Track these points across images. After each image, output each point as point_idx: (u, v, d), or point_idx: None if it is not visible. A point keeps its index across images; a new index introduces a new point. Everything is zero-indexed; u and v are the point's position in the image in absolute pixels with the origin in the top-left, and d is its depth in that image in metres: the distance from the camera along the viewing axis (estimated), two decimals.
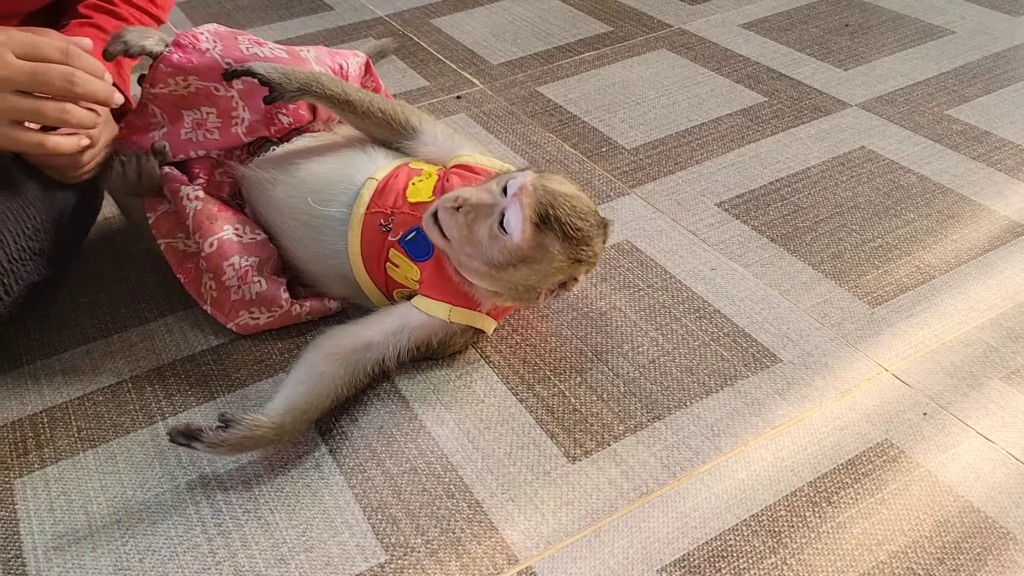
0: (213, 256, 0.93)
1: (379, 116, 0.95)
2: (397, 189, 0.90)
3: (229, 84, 0.96)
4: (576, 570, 0.73)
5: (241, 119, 0.97)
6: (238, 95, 0.96)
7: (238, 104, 0.97)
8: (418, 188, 0.90)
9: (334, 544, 0.76)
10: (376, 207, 0.90)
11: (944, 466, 0.80)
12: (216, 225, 0.94)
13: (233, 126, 0.97)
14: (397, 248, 0.89)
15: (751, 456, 0.82)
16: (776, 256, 1.07)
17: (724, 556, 0.73)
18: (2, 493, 0.82)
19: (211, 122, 0.97)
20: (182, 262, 0.98)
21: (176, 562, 0.75)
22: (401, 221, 0.89)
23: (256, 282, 0.94)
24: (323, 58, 1.03)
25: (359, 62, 1.08)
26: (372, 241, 0.90)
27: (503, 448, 0.84)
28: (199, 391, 0.91)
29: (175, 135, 0.98)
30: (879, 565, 0.72)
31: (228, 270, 0.92)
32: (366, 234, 0.90)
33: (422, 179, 0.91)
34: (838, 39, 1.59)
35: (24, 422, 0.89)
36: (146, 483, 0.82)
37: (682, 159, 1.27)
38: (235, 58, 0.95)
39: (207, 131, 0.97)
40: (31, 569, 0.75)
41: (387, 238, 0.89)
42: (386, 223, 0.89)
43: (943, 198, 1.15)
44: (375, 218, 0.89)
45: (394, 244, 0.89)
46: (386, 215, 0.89)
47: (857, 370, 0.90)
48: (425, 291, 0.88)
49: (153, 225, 0.98)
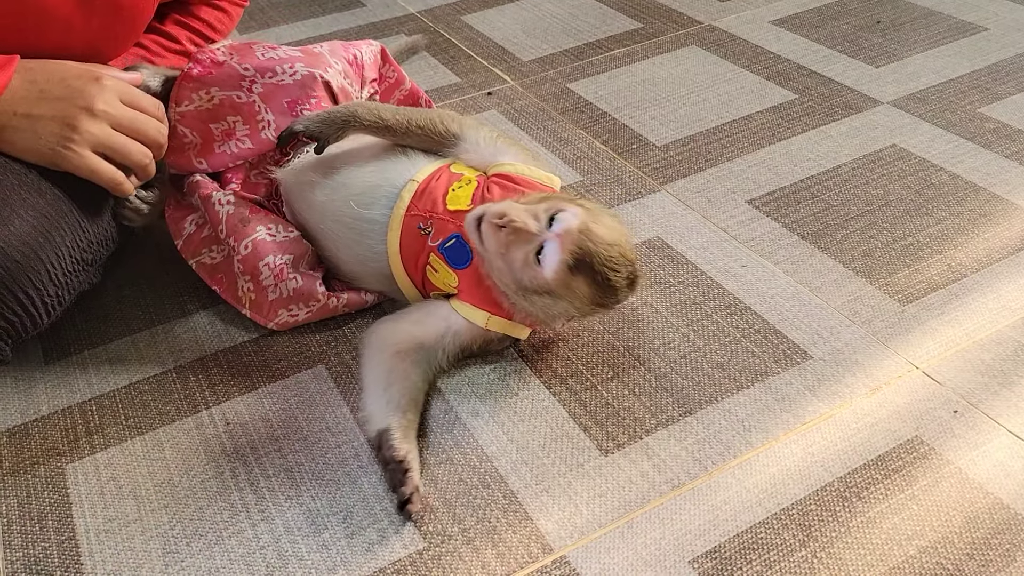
0: (249, 258, 0.95)
1: (418, 133, 0.96)
2: (437, 194, 0.92)
3: (249, 89, 0.98)
4: (609, 560, 0.75)
5: (267, 122, 0.99)
6: (259, 98, 0.98)
7: (261, 107, 0.98)
8: (458, 195, 0.91)
9: (374, 531, 0.78)
10: (416, 209, 0.91)
11: (974, 463, 0.81)
12: (249, 227, 0.96)
13: (262, 131, 0.99)
14: (436, 254, 0.91)
15: (781, 451, 0.83)
16: (807, 253, 1.08)
17: (755, 548, 0.75)
18: (55, 478, 0.85)
19: (239, 130, 0.99)
20: (213, 274, 1.01)
21: (222, 546, 0.78)
22: (440, 227, 0.90)
23: (292, 278, 0.96)
24: (337, 50, 1.05)
25: (373, 50, 1.10)
26: (411, 243, 0.92)
27: (537, 440, 0.86)
28: (241, 381, 0.94)
29: (209, 150, 1.00)
30: (908, 560, 0.73)
31: (264, 270, 0.95)
32: (405, 236, 0.92)
33: (462, 185, 0.92)
34: (869, 36, 1.59)
35: (74, 410, 0.92)
36: (192, 470, 0.85)
37: (712, 156, 1.28)
38: (253, 64, 0.98)
39: (238, 140, 0.99)
40: (84, 550, 0.78)
41: (427, 242, 0.91)
42: (425, 227, 0.91)
43: (975, 196, 1.16)
44: (414, 220, 0.91)
45: (433, 249, 0.91)
46: (425, 219, 0.91)
47: (887, 367, 0.91)
48: (464, 298, 0.90)
49: (181, 249, 1.02)
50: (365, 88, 1.08)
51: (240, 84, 0.98)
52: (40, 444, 0.88)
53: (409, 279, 0.95)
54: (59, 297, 0.87)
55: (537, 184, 0.93)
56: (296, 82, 0.99)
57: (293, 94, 0.99)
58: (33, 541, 0.79)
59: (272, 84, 0.98)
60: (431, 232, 0.90)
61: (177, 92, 0.99)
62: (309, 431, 0.88)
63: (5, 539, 0.79)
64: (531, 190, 0.91)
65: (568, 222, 0.81)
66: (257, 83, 0.98)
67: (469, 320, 0.90)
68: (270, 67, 0.99)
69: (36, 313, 0.85)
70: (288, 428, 0.88)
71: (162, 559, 0.77)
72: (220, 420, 0.90)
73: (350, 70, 1.04)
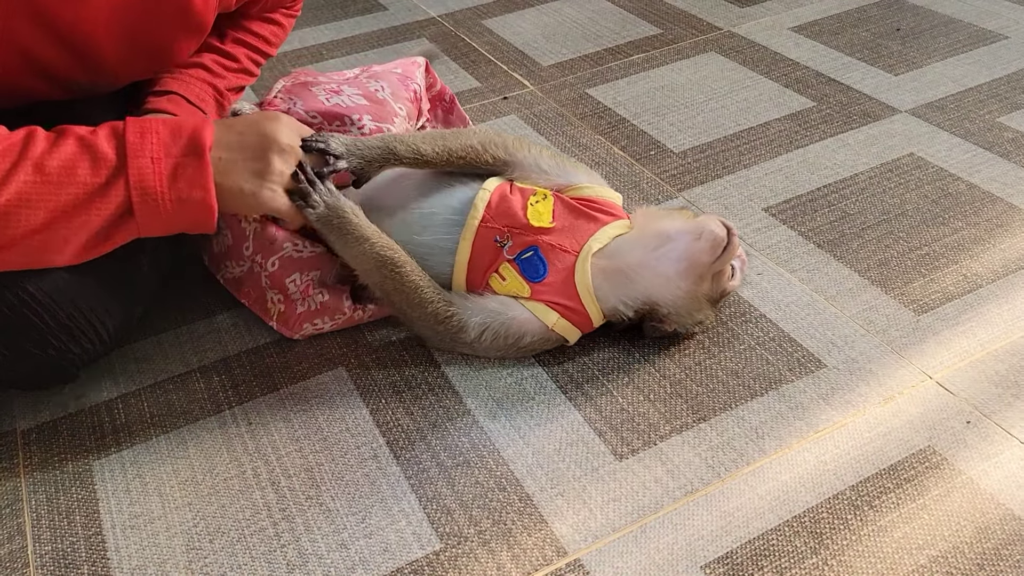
0: (276, 275, 0.96)
1: (460, 161, 0.96)
2: (515, 207, 0.93)
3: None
4: (622, 564, 0.76)
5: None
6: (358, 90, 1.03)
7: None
8: (538, 210, 0.93)
9: (391, 532, 0.80)
10: (491, 222, 0.93)
11: (986, 474, 0.82)
12: (276, 245, 0.96)
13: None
14: (512, 265, 0.92)
15: (794, 459, 0.84)
16: (822, 262, 1.08)
17: (766, 555, 0.76)
18: (82, 474, 0.87)
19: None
20: (239, 287, 1.02)
21: (244, 544, 0.79)
22: (519, 241, 0.92)
23: (319, 293, 0.97)
24: (399, 91, 1.06)
25: (421, 72, 1.12)
26: (483, 254, 0.93)
27: (552, 444, 0.87)
28: (263, 382, 0.96)
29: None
30: (919, 569, 0.74)
31: (291, 286, 0.96)
32: (478, 246, 0.93)
33: (539, 200, 0.94)
34: (889, 43, 1.59)
35: (100, 408, 0.94)
36: (215, 468, 0.87)
37: (730, 163, 1.29)
38: (319, 111, 1.01)
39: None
40: (110, 545, 0.80)
41: (501, 253, 0.92)
42: (502, 240, 0.92)
43: (992, 207, 1.16)
44: (490, 232, 0.92)
45: (509, 260, 0.92)
46: (503, 232, 0.92)
47: (901, 377, 0.92)
48: (539, 297, 0.92)
49: (209, 265, 1.04)
50: (421, 118, 1.10)
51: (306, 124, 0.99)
52: (68, 441, 0.91)
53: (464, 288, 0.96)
54: (124, 325, 0.91)
55: (614, 205, 0.98)
56: (364, 136, 1.01)
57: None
58: (61, 536, 0.81)
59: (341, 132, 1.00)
60: (508, 244, 0.92)
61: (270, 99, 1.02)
62: (329, 432, 0.90)
63: (34, 533, 0.81)
64: (609, 211, 0.96)
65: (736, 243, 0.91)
66: (324, 131, 0.99)
67: (539, 318, 0.92)
68: (338, 115, 1.01)
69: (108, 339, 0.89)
70: (309, 429, 0.90)
71: (186, 555, 0.79)
72: (243, 420, 0.92)
73: (411, 109, 1.06)
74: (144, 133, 0.78)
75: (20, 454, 0.89)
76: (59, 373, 0.90)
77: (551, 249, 0.92)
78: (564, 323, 0.93)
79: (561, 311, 0.92)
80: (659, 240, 0.91)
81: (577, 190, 0.98)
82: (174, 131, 0.80)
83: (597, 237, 0.93)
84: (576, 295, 0.92)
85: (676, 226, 0.92)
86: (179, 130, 0.80)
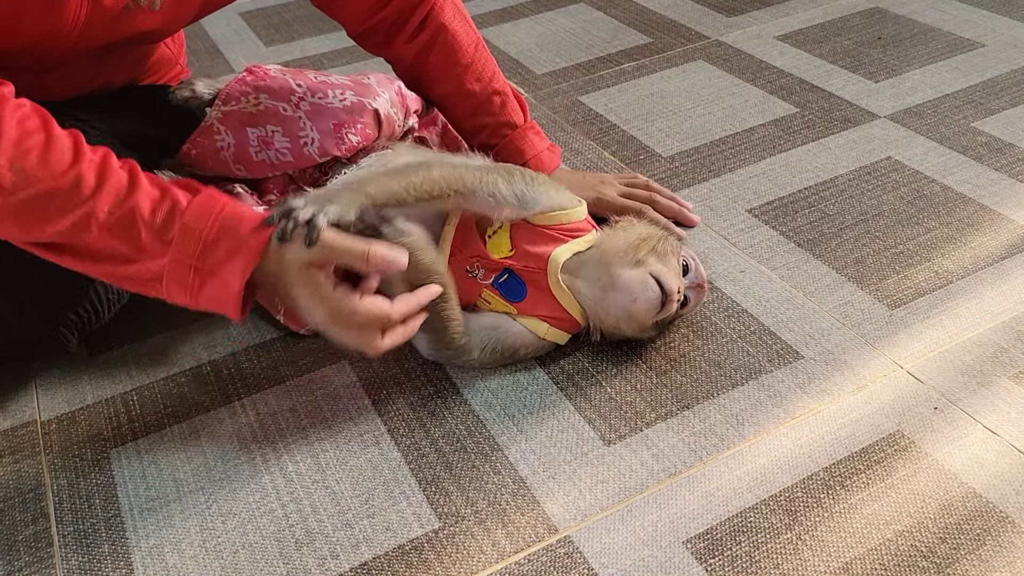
0: None
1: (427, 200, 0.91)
2: (475, 239, 0.97)
3: (297, 105, 1.02)
4: (609, 540, 0.81)
5: (311, 139, 1.03)
6: (305, 116, 1.03)
7: (306, 124, 1.02)
8: (496, 242, 0.97)
9: (393, 512, 0.85)
10: (458, 254, 0.96)
11: (951, 456, 0.87)
12: None
13: (304, 146, 1.03)
14: (491, 290, 0.97)
15: (772, 443, 0.89)
16: (802, 260, 1.14)
17: (744, 531, 0.81)
18: (101, 461, 0.92)
19: (278, 141, 1.03)
20: None
21: (254, 524, 0.85)
22: (490, 268, 0.97)
23: None
24: (384, 82, 1.09)
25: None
26: (459, 284, 0.95)
27: (545, 431, 0.92)
28: (270, 375, 1.01)
29: (246, 156, 1.04)
30: (885, 542, 0.79)
31: None
32: (452, 272, 0.94)
33: (495, 229, 0.97)
34: (870, 51, 1.65)
35: (116, 399, 1.00)
36: (226, 455, 0.92)
37: (716, 167, 1.34)
38: (305, 83, 1.03)
39: (278, 151, 1.03)
40: (128, 526, 0.85)
41: (477, 281, 0.97)
42: (472, 270, 0.97)
43: (964, 207, 1.22)
44: (460, 264, 0.96)
45: (487, 286, 0.97)
46: (472, 262, 0.97)
47: (874, 367, 0.98)
48: (526, 312, 0.97)
49: None
50: (410, 118, 1.13)
51: (289, 98, 1.03)
52: (86, 430, 0.96)
53: None
54: (120, 294, 0.95)
55: (577, 227, 0.99)
56: (345, 107, 1.03)
57: (340, 118, 1.03)
58: (82, 517, 0.86)
59: (320, 105, 1.02)
60: (480, 273, 0.97)
61: (227, 91, 1.03)
62: (334, 421, 0.95)
63: (57, 515, 0.86)
64: (571, 233, 0.98)
65: (701, 272, 0.99)
66: (305, 101, 1.03)
67: (530, 330, 0.98)
68: (321, 89, 1.03)
69: (101, 308, 0.93)
70: (314, 418, 0.96)
71: (200, 535, 0.84)
72: (251, 410, 0.97)
73: (396, 99, 1.09)
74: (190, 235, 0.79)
75: (42, 442, 0.95)
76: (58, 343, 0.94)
77: (522, 270, 0.97)
78: (554, 331, 0.98)
79: (549, 321, 0.98)
80: (608, 281, 0.94)
81: (541, 217, 0.97)
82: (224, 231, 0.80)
83: (557, 254, 0.96)
84: (559, 305, 0.97)
85: (622, 279, 0.93)
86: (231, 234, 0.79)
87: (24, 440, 0.95)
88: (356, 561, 0.81)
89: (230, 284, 0.79)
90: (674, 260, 0.96)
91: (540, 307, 0.98)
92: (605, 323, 0.97)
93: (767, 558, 0.78)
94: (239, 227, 0.80)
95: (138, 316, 1.10)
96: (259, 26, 1.97)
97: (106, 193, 0.78)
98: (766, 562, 0.78)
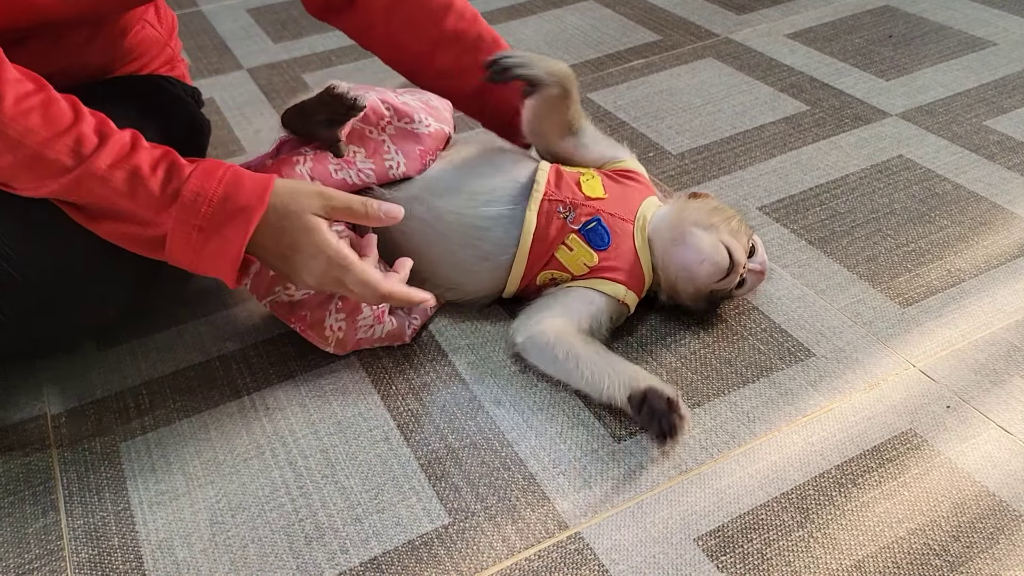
0: (349, 299, 0.96)
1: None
2: (570, 182, 1.02)
3: (383, 128, 1.01)
4: (620, 537, 0.81)
5: (396, 163, 1.01)
6: (390, 140, 1.01)
7: (391, 148, 1.01)
8: (591, 184, 1.03)
9: (403, 507, 0.85)
10: (554, 195, 1.00)
11: (964, 455, 0.86)
12: None
13: (389, 170, 1.01)
14: (577, 235, 0.99)
15: (783, 441, 0.89)
16: (813, 258, 1.13)
17: (755, 529, 0.81)
18: (110, 454, 0.92)
19: (361, 162, 0.99)
20: (293, 311, 0.97)
21: (264, 518, 0.84)
22: (582, 211, 1.00)
23: (389, 321, 0.99)
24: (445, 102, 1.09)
25: None
26: (548, 225, 0.99)
27: (555, 428, 0.92)
28: (279, 370, 1.01)
29: (324, 173, 0.97)
30: (898, 540, 0.79)
31: (365, 309, 0.98)
32: (542, 219, 0.99)
33: (587, 178, 1.03)
34: (881, 50, 1.65)
35: (126, 393, 0.99)
36: (235, 449, 0.92)
37: (726, 164, 1.34)
38: (393, 105, 1.01)
39: (361, 172, 0.99)
40: (138, 519, 0.85)
41: (566, 224, 0.99)
42: (565, 211, 0.99)
43: (976, 206, 1.21)
44: (553, 205, 1.00)
45: (575, 231, 0.99)
46: (565, 204, 1.00)
47: (886, 365, 0.97)
48: (606, 275, 0.99)
49: (251, 289, 0.95)
50: None
51: (377, 122, 1.01)
52: (96, 424, 0.96)
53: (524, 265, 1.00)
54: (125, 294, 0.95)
55: (644, 177, 1.09)
56: (429, 134, 1.03)
57: (426, 145, 1.03)
58: (92, 510, 0.86)
59: (406, 130, 1.02)
60: (572, 216, 0.99)
61: None
62: (343, 416, 0.95)
63: (67, 508, 0.86)
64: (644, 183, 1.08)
65: (764, 258, 1.03)
66: (392, 125, 1.02)
67: (611, 295, 0.99)
68: (408, 113, 1.02)
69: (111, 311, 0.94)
70: (323, 413, 0.95)
71: (209, 528, 0.84)
72: (260, 405, 0.97)
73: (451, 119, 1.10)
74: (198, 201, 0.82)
75: (52, 436, 0.95)
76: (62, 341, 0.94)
77: (610, 218, 1.00)
78: (631, 294, 1.00)
79: (623, 280, 1.00)
80: (679, 237, 0.99)
81: (620, 163, 1.08)
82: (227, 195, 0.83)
83: (645, 206, 1.03)
84: (636, 260, 1.00)
85: (695, 236, 0.98)
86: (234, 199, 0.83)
87: (34, 434, 0.95)
88: (366, 556, 0.80)
89: (233, 241, 0.83)
90: (744, 238, 1.00)
91: (619, 259, 0.99)
92: (665, 280, 1.01)
93: (779, 556, 0.78)
94: (242, 187, 0.84)
95: (147, 311, 1.10)
96: (267, 22, 1.97)
97: (108, 151, 0.81)
98: (778, 560, 0.78)
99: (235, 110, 1.59)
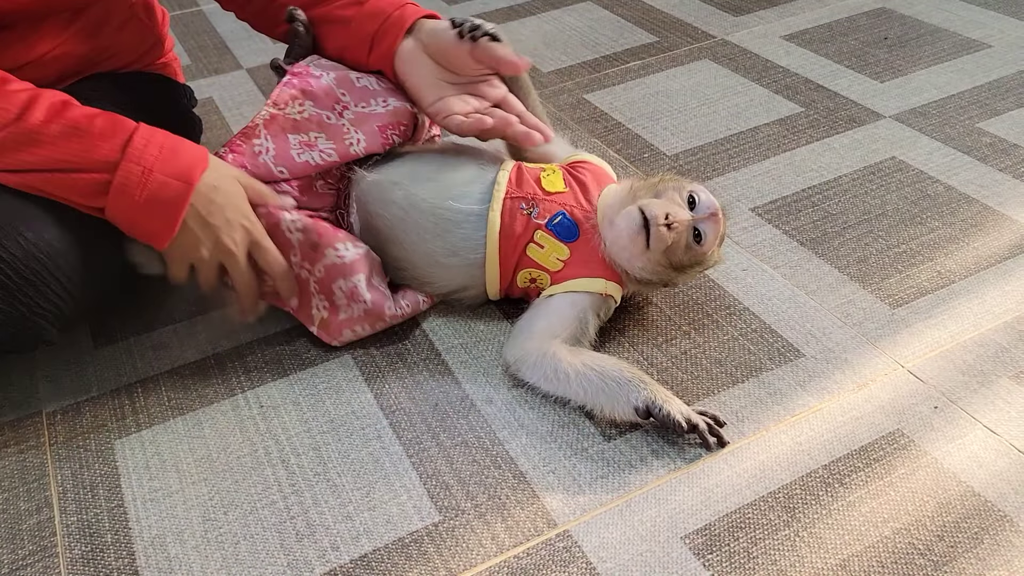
0: (324, 280, 0.99)
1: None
2: (531, 179, 1.03)
3: (340, 113, 1.02)
4: (608, 535, 0.81)
5: (356, 140, 1.03)
6: (349, 123, 1.03)
7: (350, 129, 1.02)
8: (551, 179, 1.04)
9: (394, 505, 0.86)
10: (515, 192, 1.01)
11: (950, 455, 0.87)
12: (319, 251, 0.98)
13: (349, 147, 1.02)
14: (545, 230, 1.00)
15: (771, 440, 0.90)
16: (804, 259, 1.14)
17: (742, 527, 0.81)
18: (104, 452, 0.93)
19: (323, 144, 1.01)
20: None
21: (256, 515, 0.85)
22: (545, 208, 1.00)
23: (363, 301, 1.00)
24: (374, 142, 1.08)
25: None
26: (513, 224, 1.00)
27: (545, 426, 0.93)
28: (274, 368, 1.02)
29: (287, 158, 1.00)
30: (883, 539, 0.79)
31: (337, 291, 0.99)
32: (506, 217, 1.00)
33: (548, 173, 1.04)
34: (876, 52, 1.65)
35: (121, 391, 1.00)
36: (228, 447, 0.93)
37: (720, 165, 1.35)
38: (350, 92, 1.03)
39: (323, 152, 1.01)
40: (132, 517, 0.86)
41: (531, 220, 1.00)
42: (528, 207, 1.00)
43: (967, 207, 1.21)
44: (516, 203, 1.00)
45: (541, 227, 1.00)
46: (527, 200, 1.00)
47: (875, 366, 0.98)
48: (578, 272, 0.99)
49: None
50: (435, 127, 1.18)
51: (333, 107, 1.02)
52: (91, 421, 0.97)
53: (498, 264, 1.01)
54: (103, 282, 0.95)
55: (607, 172, 1.10)
56: (388, 111, 1.05)
57: (385, 120, 1.04)
58: (86, 507, 0.87)
59: (364, 113, 1.03)
60: (535, 212, 1.00)
61: (279, 94, 1.01)
62: (336, 414, 0.96)
63: (61, 505, 0.87)
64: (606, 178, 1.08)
65: (711, 201, 0.97)
66: (350, 110, 1.03)
67: (589, 291, 0.99)
68: (365, 98, 1.03)
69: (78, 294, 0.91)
70: (316, 411, 0.96)
71: (202, 526, 0.85)
72: (255, 403, 0.98)
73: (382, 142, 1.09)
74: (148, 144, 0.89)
75: (46, 433, 0.96)
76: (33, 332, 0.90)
77: (574, 211, 1.01)
78: (612, 284, 1.00)
79: (600, 272, 0.99)
80: (609, 221, 0.99)
81: (575, 156, 1.11)
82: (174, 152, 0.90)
83: (605, 194, 1.03)
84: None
85: (619, 215, 0.97)
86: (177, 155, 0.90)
87: (28, 430, 0.96)
88: (356, 553, 0.81)
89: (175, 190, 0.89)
90: (675, 195, 0.97)
91: (590, 252, 0.99)
92: (623, 267, 0.99)
93: (765, 554, 0.79)
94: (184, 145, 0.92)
95: (142, 309, 1.11)
96: None
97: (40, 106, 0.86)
98: (764, 558, 0.78)
99: (234, 110, 1.60)
